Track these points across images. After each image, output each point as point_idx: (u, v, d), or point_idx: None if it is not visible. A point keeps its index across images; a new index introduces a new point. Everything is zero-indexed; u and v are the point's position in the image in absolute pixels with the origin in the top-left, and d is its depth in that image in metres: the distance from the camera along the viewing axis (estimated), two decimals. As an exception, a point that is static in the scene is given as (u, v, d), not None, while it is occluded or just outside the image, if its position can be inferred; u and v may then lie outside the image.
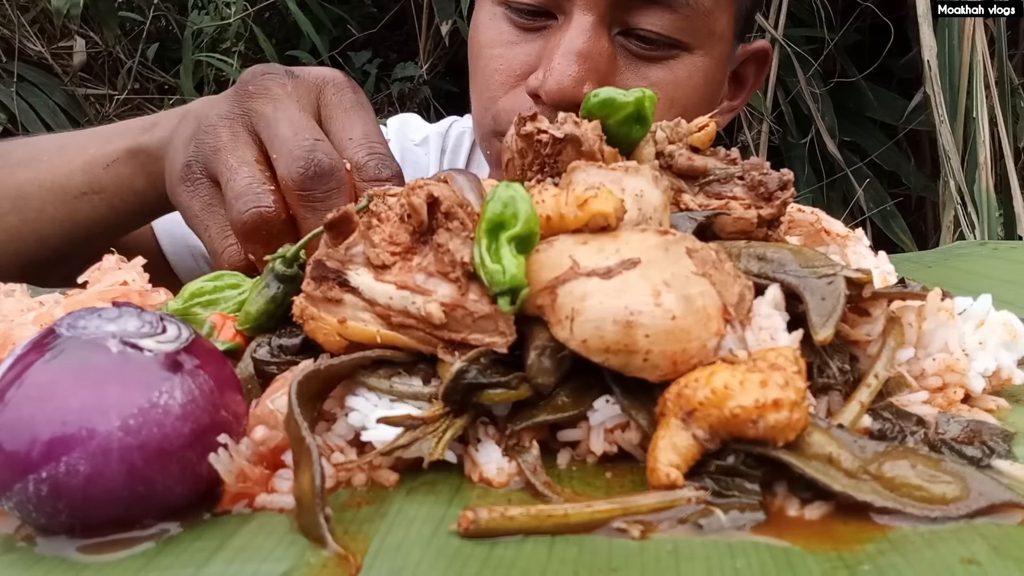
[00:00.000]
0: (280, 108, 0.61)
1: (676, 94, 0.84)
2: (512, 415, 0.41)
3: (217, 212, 0.62)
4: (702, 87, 0.86)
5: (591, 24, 0.80)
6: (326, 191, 0.58)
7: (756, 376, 0.37)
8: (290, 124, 0.60)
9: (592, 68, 0.79)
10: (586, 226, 0.42)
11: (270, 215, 0.57)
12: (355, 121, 0.63)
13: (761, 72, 1.02)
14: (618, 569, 0.32)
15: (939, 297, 0.47)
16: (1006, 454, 0.40)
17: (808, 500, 0.37)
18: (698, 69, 0.85)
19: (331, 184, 0.58)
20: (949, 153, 1.94)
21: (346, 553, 0.34)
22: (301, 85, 0.64)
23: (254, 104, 0.62)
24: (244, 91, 0.63)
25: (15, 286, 0.57)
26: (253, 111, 0.62)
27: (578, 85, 0.78)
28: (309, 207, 0.58)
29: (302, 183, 0.57)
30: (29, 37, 2.78)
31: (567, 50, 0.79)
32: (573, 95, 0.78)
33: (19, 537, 0.36)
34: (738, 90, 1.02)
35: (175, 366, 0.37)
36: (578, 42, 0.79)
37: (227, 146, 0.61)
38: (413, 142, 1.15)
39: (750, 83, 1.02)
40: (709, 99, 0.89)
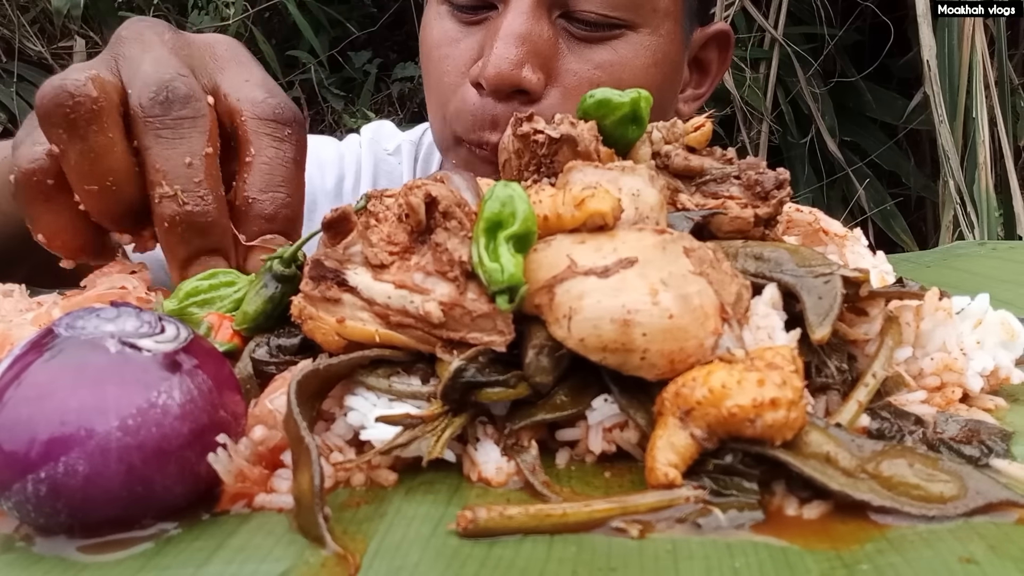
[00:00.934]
0: (148, 50, 0.54)
1: (623, 75, 0.82)
2: (511, 414, 0.41)
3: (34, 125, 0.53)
4: (651, 66, 0.84)
5: (529, 7, 0.79)
6: (176, 117, 0.51)
7: (753, 375, 0.37)
8: (154, 62, 0.53)
9: (531, 51, 0.79)
10: (583, 225, 0.42)
11: (77, 89, 0.49)
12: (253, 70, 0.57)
13: (725, 57, 1.00)
14: (617, 568, 0.32)
15: (937, 296, 0.47)
16: (1004, 453, 0.40)
17: (806, 499, 0.37)
18: (644, 48, 0.83)
19: (184, 111, 0.51)
20: (948, 153, 1.94)
21: (345, 553, 0.34)
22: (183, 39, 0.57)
23: (122, 48, 0.55)
24: (116, 38, 0.56)
25: (14, 286, 0.58)
26: (120, 54, 0.55)
27: (517, 68, 0.77)
28: (154, 133, 0.50)
29: (150, 108, 0.50)
30: (29, 37, 2.78)
31: (504, 34, 0.78)
32: (512, 78, 0.77)
33: (18, 537, 0.36)
34: (702, 77, 0.99)
35: (174, 366, 0.37)
36: (515, 25, 0.78)
37: (79, 68, 0.53)
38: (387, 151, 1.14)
39: (714, 69, 1.00)
40: (663, 79, 0.87)
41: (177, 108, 0.51)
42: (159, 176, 0.50)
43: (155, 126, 0.50)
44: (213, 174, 0.51)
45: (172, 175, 0.50)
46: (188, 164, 0.50)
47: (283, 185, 0.53)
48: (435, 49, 0.87)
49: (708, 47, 0.98)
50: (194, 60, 0.56)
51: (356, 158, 1.13)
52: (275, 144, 0.53)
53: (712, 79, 1.00)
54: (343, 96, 3.22)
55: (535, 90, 0.80)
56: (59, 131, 0.50)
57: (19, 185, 0.53)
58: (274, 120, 0.54)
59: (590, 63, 0.82)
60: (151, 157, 0.50)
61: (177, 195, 0.50)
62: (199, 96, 0.52)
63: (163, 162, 0.50)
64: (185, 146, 0.51)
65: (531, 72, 0.79)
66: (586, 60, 0.82)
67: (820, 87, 2.45)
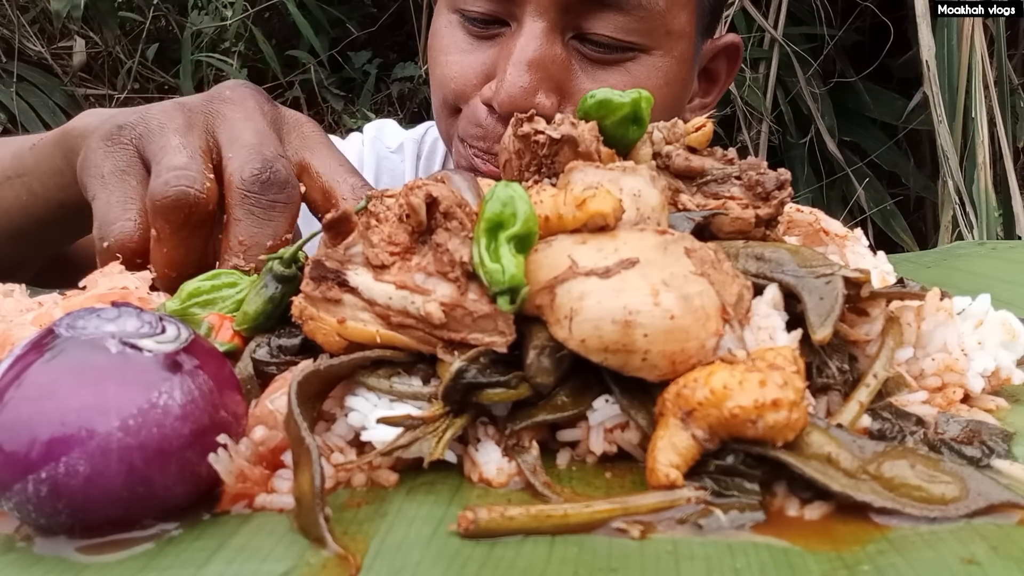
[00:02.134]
0: (250, 119, 0.58)
1: None
2: (512, 415, 0.41)
3: (128, 181, 0.56)
4: (663, 87, 0.85)
5: (542, 31, 0.79)
6: (272, 200, 0.54)
7: (755, 376, 0.37)
8: (257, 134, 0.57)
9: (544, 76, 0.79)
10: (585, 226, 0.42)
11: (199, 198, 0.53)
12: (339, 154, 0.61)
13: (733, 67, 1.01)
14: (618, 569, 0.32)
15: (938, 297, 0.47)
16: (1005, 454, 0.40)
17: (808, 500, 0.37)
18: (657, 70, 0.84)
19: (280, 196, 0.54)
20: (947, 153, 1.94)
21: (346, 553, 0.34)
22: (278, 113, 0.61)
23: (224, 108, 0.59)
24: (220, 95, 0.60)
25: (14, 286, 0.57)
26: (219, 112, 0.58)
27: (530, 96, 0.78)
28: (248, 209, 0.54)
29: (252, 183, 0.54)
30: (29, 37, 2.78)
31: (518, 60, 0.78)
32: (525, 105, 0.76)
33: (19, 537, 0.36)
34: (710, 86, 1.00)
35: (174, 366, 0.37)
36: (529, 50, 0.78)
37: (178, 128, 0.56)
38: (389, 149, 1.15)
39: (722, 79, 1.00)
40: (672, 100, 0.87)
41: (275, 191, 0.54)
42: (240, 248, 0.54)
43: (251, 202, 0.54)
44: None
45: (252, 252, 0.54)
46: (271, 247, 0.54)
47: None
48: (443, 55, 0.87)
49: (717, 58, 0.98)
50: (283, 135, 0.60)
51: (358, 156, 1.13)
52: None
53: (720, 88, 1.01)
54: (343, 96, 3.22)
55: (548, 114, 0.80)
56: (166, 226, 0.54)
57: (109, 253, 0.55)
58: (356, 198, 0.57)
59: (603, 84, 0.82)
60: (238, 229, 0.54)
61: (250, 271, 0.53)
62: (295, 184, 0.56)
63: (248, 238, 0.54)
64: (271, 228, 0.54)
65: (544, 97, 0.79)
66: (599, 81, 0.82)
67: (820, 87, 2.45)
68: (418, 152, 1.16)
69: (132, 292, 0.52)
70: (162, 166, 0.54)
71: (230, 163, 0.55)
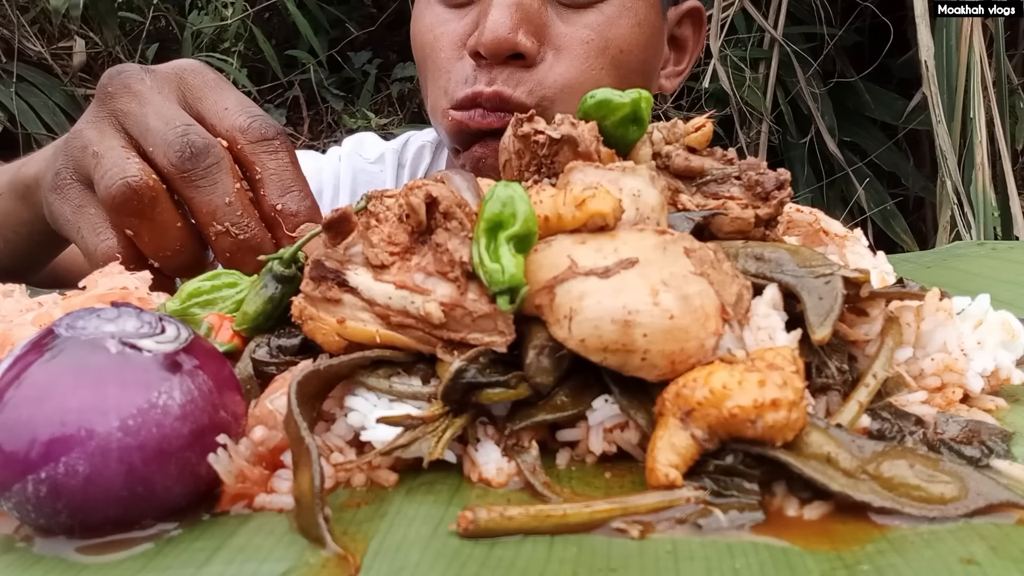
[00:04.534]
0: (144, 102, 0.61)
1: (610, 32, 0.87)
2: (511, 415, 0.41)
3: (87, 211, 0.62)
4: (635, 27, 0.89)
5: None
6: (206, 168, 0.58)
7: (754, 376, 0.37)
8: (158, 115, 0.60)
9: (524, 18, 0.83)
10: (584, 226, 0.42)
11: (138, 184, 0.57)
12: (226, 94, 0.64)
13: (699, 33, 1.05)
14: (617, 569, 0.32)
15: (937, 297, 0.47)
16: (1005, 454, 0.40)
17: (807, 500, 0.37)
18: (628, 10, 0.89)
19: (209, 160, 0.59)
20: (946, 153, 1.94)
21: (345, 553, 0.34)
22: (159, 77, 0.64)
23: (117, 104, 0.62)
24: (105, 94, 0.63)
25: (14, 286, 0.58)
26: (118, 111, 0.62)
27: (513, 32, 0.82)
28: (194, 186, 0.58)
29: (181, 165, 0.58)
30: (29, 37, 2.78)
31: (498, 2, 0.83)
32: (508, 42, 0.81)
33: (18, 537, 0.36)
34: (681, 54, 1.04)
35: (174, 366, 0.37)
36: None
37: (93, 140, 0.61)
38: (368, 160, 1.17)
39: (690, 45, 1.05)
40: (646, 41, 0.91)
41: (203, 159, 0.59)
42: (209, 218, 0.59)
43: (191, 180, 0.59)
44: (247, 204, 0.60)
45: (219, 215, 0.59)
46: (229, 203, 0.59)
47: (294, 185, 0.62)
48: (428, 32, 0.91)
49: (683, 24, 1.03)
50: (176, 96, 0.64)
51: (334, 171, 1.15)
52: (273, 157, 0.62)
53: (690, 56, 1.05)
54: (343, 96, 3.22)
55: (531, 53, 0.83)
56: (130, 220, 0.59)
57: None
58: (263, 139, 0.62)
59: (579, 24, 0.87)
60: (197, 205, 0.59)
61: (229, 230, 0.59)
62: (213, 142, 0.60)
63: (208, 206, 0.59)
64: (221, 188, 0.59)
65: (525, 38, 0.83)
66: (575, 24, 0.87)
67: (820, 87, 2.45)
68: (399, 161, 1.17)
69: (132, 292, 0.52)
70: (97, 178, 0.59)
71: (154, 155, 0.59)
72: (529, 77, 0.84)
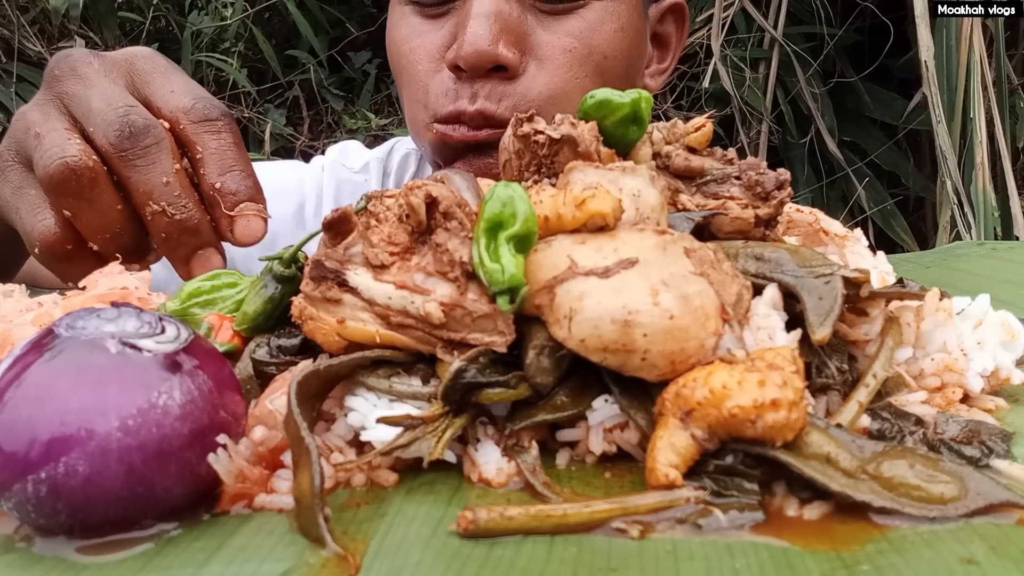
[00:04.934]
0: (90, 85, 0.61)
1: (593, 39, 0.85)
2: (511, 415, 0.41)
3: (26, 192, 0.61)
4: (618, 32, 0.87)
5: None
6: (144, 147, 0.58)
7: (754, 376, 0.37)
8: (102, 97, 0.60)
9: (504, 28, 0.81)
10: (584, 226, 0.42)
11: (76, 163, 0.57)
12: (174, 78, 0.64)
13: (682, 29, 1.02)
14: (617, 569, 0.32)
15: (937, 297, 0.47)
16: (1004, 454, 0.40)
17: (807, 500, 0.37)
18: (610, 14, 0.86)
19: (148, 140, 0.58)
20: (946, 153, 1.94)
21: (345, 553, 0.34)
22: (108, 61, 0.64)
23: (63, 87, 0.62)
24: (51, 77, 0.63)
25: (14, 286, 0.58)
26: (63, 93, 0.62)
27: (494, 44, 0.79)
28: (131, 166, 0.58)
29: (119, 144, 0.58)
30: (29, 37, 2.78)
31: (476, 13, 0.80)
32: (489, 54, 0.79)
33: (18, 537, 0.36)
34: (664, 52, 1.02)
35: (174, 366, 0.37)
36: (485, 5, 0.80)
37: (36, 122, 0.61)
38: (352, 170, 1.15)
39: (673, 42, 1.02)
40: (629, 45, 0.89)
41: (142, 139, 0.58)
42: (145, 198, 0.58)
43: (129, 159, 0.58)
44: (186, 184, 0.59)
45: (156, 195, 0.58)
46: (166, 183, 0.58)
47: (235, 165, 0.61)
48: (404, 44, 0.89)
49: (665, 20, 1.00)
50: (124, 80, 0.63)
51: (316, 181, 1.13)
52: (215, 137, 0.61)
53: (673, 52, 1.03)
54: (343, 96, 3.22)
55: (513, 64, 0.81)
56: (69, 200, 0.58)
57: (44, 254, 0.60)
58: (206, 120, 0.61)
59: (561, 32, 0.85)
60: (134, 184, 0.58)
61: (165, 210, 0.58)
62: (154, 122, 0.59)
63: (145, 186, 0.58)
64: (159, 168, 0.58)
65: (506, 50, 0.81)
66: (557, 32, 0.84)
67: (820, 87, 2.45)
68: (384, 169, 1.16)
69: (132, 292, 0.52)
70: (36, 157, 0.59)
71: (95, 135, 0.59)
72: (512, 90, 0.82)
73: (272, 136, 2.77)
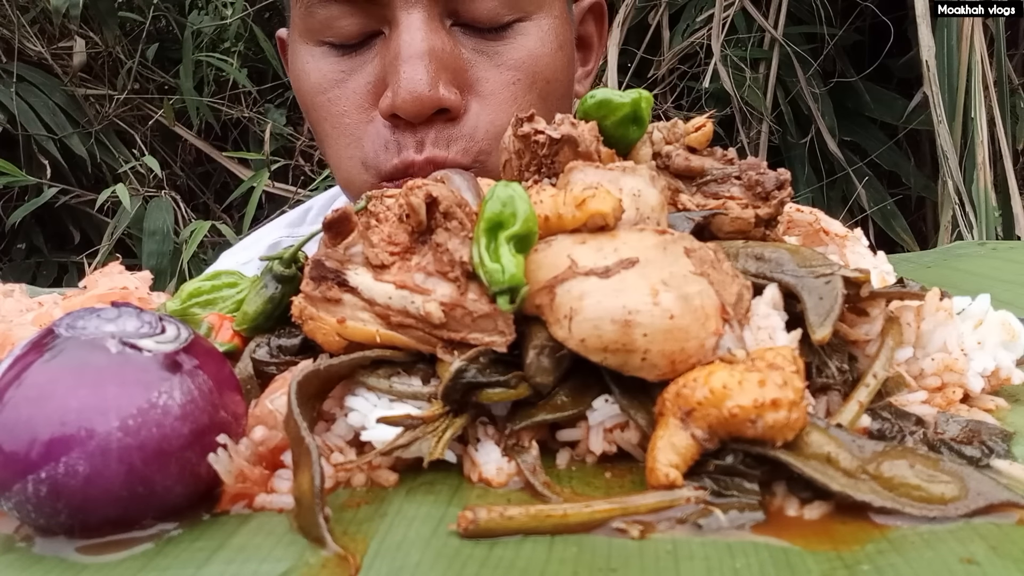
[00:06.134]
0: None
1: (536, 67, 0.78)
2: (511, 415, 0.41)
3: None
4: (558, 50, 0.80)
5: (422, 20, 0.72)
6: None
7: (754, 376, 0.37)
8: None
9: (441, 67, 0.72)
10: (584, 226, 0.42)
11: None
12: None
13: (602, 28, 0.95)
14: (617, 569, 0.32)
15: (937, 297, 0.47)
16: (1005, 454, 0.40)
17: (807, 500, 0.37)
18: (546, 32, 0.78)
19: None
20: (947, 153, 1.94)
21: (345, 553, 0.34)
22: None
23: None
24: None
25: (14, 286, 0.58)
26: None
27: (433, 87, 0.70)
28: None
29: None
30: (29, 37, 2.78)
31: (408, 55, 0.71)
32: (430, 99, 0.71)
33: (18, 537, 0.36)
34: (587, 54, 0.95)
35: (174, 366, 0.37)
36: (415, 44, 0.71)
37: None
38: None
39: (595, 42, 0.95)
40: (567, 61, 0.82)
41: None
42: None
43: None
44: None
45: None
46: None
47: None
48: (320, 95, 0.78)
49: (586, 21, 0.93)
50: None
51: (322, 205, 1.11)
52: None
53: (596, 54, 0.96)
54: (343, 96, 3.21)
55: (455, 106, 0.73)
56: None
57: None
58: None
59: (502, 67, 0.77)
60: None
61: None
62: None
63: None
64: None
65: (446, 91, 0.72)
66: (496, 64, 0.77)
67: (820, 87, 2.44)
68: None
69: (132, 292, 0.52)
70: None
71: None
72: (458, 132, 0.74)
73: (272, 136, 2.77)
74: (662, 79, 2.47)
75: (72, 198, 2.63)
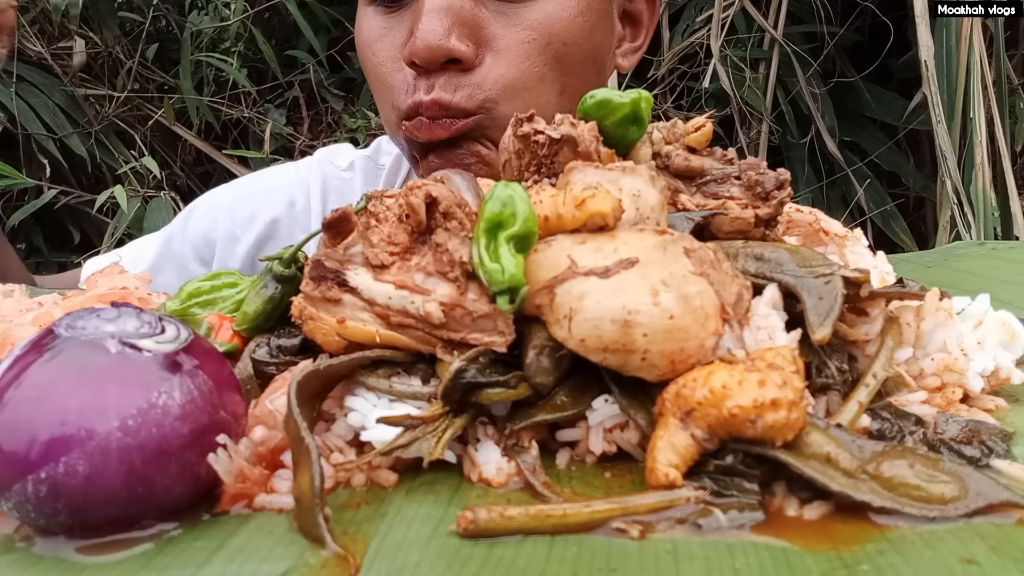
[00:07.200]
0: None
1: (553, 30, 0.83)
2: (511, 415, 0.41)
3: None
4: (578, 17, 0.85)
5: None
6: None
7: (754, 376, 0.37)
8: None
9: (456, 21, 0.79)
10: (584, 226, 0.42)
11: None
12: None
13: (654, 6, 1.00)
14: (617, 569, 0.32)
15: (937, 297, 0.47)
16: (1005, 454, 0.40)
17: (807, 500, 0.37)
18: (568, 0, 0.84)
19: None
20: (946, 153, 1.94)
21: (345, 553, 0.34)
22: None
23: None
24: None
25: (14, 286, 0.58)
26: None
27: (445, 37, 0.78)
28: None
29: None
30: (29, 37, 2.77)
31: (428, 9, 0.79)
32: (441, 48, 0.78)
33: (18, 538, 0.36)
34: (636, 30, 0.99)
35: (174, 366, 0.37)
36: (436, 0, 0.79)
37: None
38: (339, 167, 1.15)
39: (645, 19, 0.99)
40: (591, 28, 0.87)
41: None
42: None
43: None
44: None
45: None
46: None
47: None
48: (367, 47, 0.89)
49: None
50: None
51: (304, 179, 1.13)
52: None
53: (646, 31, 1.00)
54: (343, 96, 3.22)
55: (467, 57, 0.80)
56: None
57: None
58: None
59: (519, 26, 0.83)
60: None
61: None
62: None
63: None
64: None
65: (459, 42, 0.80)
66: (514, 24, 0.83)
67: (820, 87, 2.44)
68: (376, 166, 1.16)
69: (132, 292, 0.52)
70: None
71: None
72: (467, 80, 0.81)
73: (272, 136, 2.77)
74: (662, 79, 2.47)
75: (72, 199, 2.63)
